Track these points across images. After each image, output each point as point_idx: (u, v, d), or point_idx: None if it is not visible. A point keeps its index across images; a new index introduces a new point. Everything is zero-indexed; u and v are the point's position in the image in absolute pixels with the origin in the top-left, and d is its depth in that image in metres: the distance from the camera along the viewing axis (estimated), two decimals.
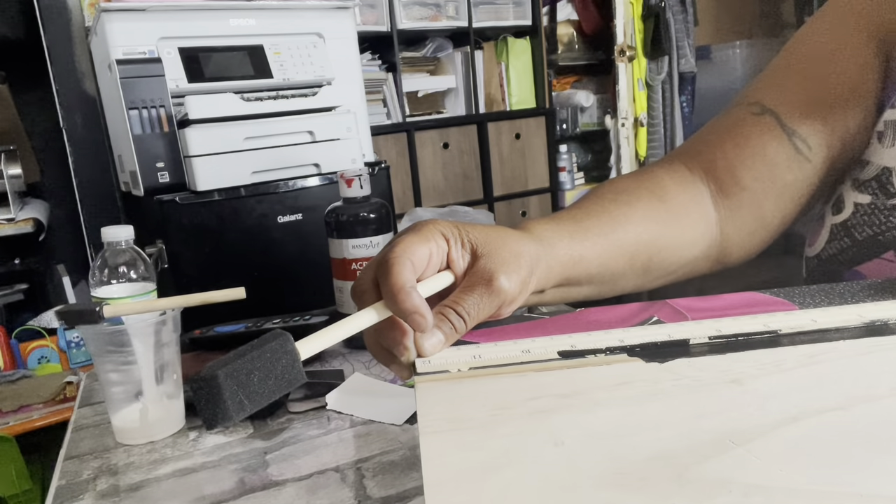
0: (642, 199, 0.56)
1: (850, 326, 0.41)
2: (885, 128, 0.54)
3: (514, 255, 0.44)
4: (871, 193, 0.54)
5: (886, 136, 0.54)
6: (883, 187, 0.53)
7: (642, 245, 0.54)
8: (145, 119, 0.99)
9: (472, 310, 0.42)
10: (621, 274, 0.54)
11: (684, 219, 0.57)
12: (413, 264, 0.41)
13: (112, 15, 1.03)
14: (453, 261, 0.44)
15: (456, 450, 0.30)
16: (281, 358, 0.36)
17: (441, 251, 0.44)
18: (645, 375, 0.36)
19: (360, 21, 2.16)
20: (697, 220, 0.58)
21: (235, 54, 1.11)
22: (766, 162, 0.57)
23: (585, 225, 0.52)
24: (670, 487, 0.26)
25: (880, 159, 0.54)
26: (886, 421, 0.30)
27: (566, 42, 2.82)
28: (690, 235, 0.57)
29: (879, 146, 0.54)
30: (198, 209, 1.00)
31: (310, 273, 1.02)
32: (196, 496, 0.48)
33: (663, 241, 0.55)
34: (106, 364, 0.56)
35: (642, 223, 0.54)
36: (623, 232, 0.53)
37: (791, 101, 0.58)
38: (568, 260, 0.49)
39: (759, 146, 0.57)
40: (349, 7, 1.23)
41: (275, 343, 0.36)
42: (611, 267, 0.52)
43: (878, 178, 0.54)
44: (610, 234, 0.52)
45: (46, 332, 1.62)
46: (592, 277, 0.52)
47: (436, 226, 0.44)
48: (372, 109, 2.19)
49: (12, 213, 1.52)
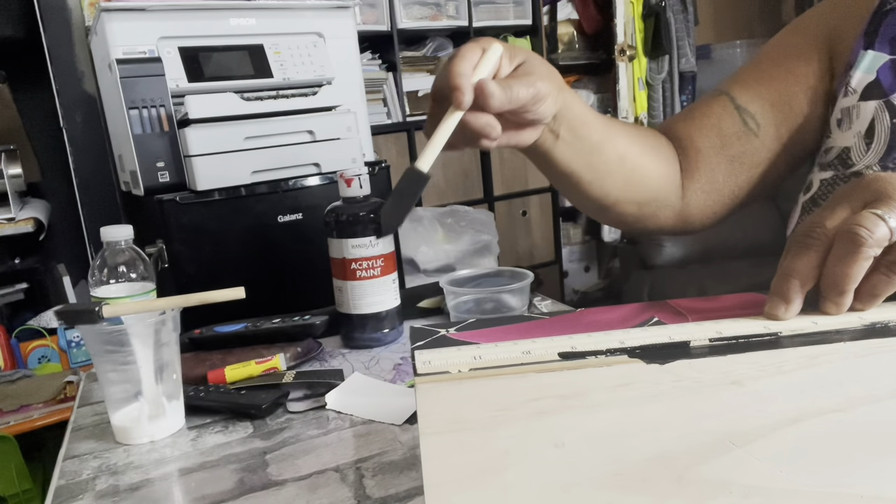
0: (631, 128, 0.68)
1: (850, 328, 0.41)
2: (841, 115, 0.62)
3: (549, 73, 0.55)
4: (833, 169, 0.62)
5: (843, 122, 0.62)
6: (843, 162, 0.61)
7: (629, 155, 0.64)
8: (145, 119, 0.99)
9: (514, 88, 0.51)
10: (611, 170, 0.63)
11: (660, 153, 0.68)
12: (470, 61, 0.51)
13: (112, 14, 1.03)
14: (502, 69, 0.53)
15: (456, 450, 0.30)
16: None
17: (495, 55, 0.52)
18: (645, 377, 0.36)
19: (360, 20, 2.16)
20: (668, 161, 0.69)
21: (235, 54, 1.11)
22: (719, 132, 0.68)
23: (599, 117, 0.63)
24: (671, 488, 0.26)
25: (840, 142, 0.62)
26: (887, 422, 0.30)
27: (566, 41, 2.82)
28: (663, 169, 0.68)
29: (839, 131, 0.63)
30: (198, 209, 1.00)
31: (310, 273, 1.02)
32: (196, 496, 0.48)
33: (644, 161, 0.66)
34: (105, 364, 0.56)
35: (631, 141, 0.65)
36: (619, 137, 0.64)
37: (744, 85, 0.69)
38: (581, 115, 0.59)
39: (713, 118, 0.69)
40: (349, 7, 1.23)
41: (408, 174, 0.49)
42: (606, 152, 0.62)
43: (839, 157, 0.62)
44: (609, 128, 0.63)
45: (46, 332, 1.62)
46: (592, 149, 0.61)
47: (490, 41, 0.53)
48: (372, 109, 2.19)
49: (12, 213, 1.52)
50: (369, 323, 0.75)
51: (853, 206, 0.44)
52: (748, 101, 0.68)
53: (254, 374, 0.66)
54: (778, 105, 0.67)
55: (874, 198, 0.43)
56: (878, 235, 0.41)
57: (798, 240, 0.44)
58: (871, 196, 0.43)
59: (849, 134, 0.61)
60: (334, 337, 0.79)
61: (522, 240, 2.64)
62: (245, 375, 0.66)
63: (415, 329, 0.47)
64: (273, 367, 0.67)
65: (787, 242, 0.46)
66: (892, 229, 0.41)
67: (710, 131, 0.69)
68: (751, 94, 0.68)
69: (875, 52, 0.61)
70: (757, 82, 0.69)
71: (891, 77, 0.60)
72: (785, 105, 0.67)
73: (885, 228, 0.41)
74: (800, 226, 0.46)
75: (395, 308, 0.77)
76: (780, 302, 0.43)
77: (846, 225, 0.42)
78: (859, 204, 0.44)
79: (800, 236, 0.44)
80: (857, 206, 0.44)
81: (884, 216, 0.41)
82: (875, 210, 0.42)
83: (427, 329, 0.47)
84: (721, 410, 0.32)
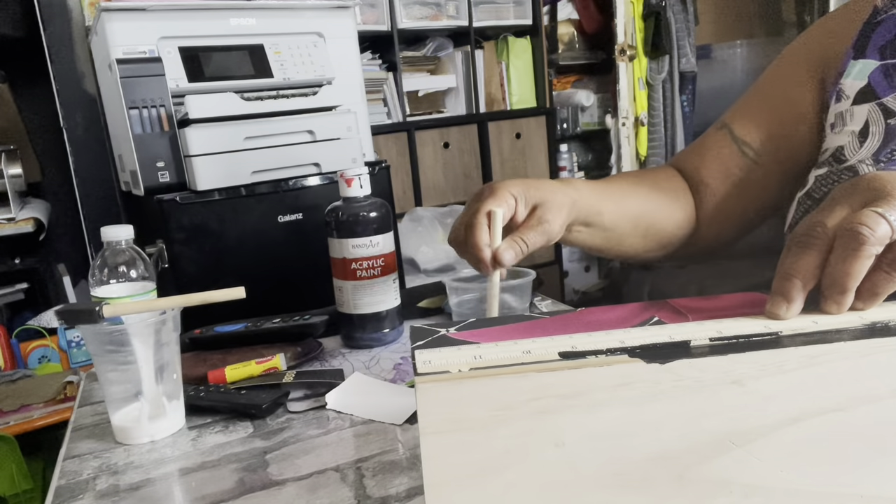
0: (646, 183, 0.75)
1: (850, 328, 0.41)
2: (834, 119, 0.65)
3: (559, 205, 0.62)
4: (827, 166, 0.64)
5: (836, 125, 0.64)
6: (837, 158, 0.63)
7: (644, 214, 0.72)
8: (145, 119, 0.99)
9: (529, 239, 0.60)
10: (627, 233, 0.71)
11: (674, 202, 0.75)
12: (482, 233, 0.59)
13: (112, 14, 1.03)
14: (518, 214, 0.62)
15: (456, 450, 0.30)
16: None
17: (510, 209, 0.61)
18: (646, 376, 0.36)
19: (360, 20, 2.16)
20: (682, 204, 0.75)
21: (236, 54, 1.11)
22: (721, 163, 0.75)
23: (608, 191, 0.70)
24: (671, 488, 0.26)
25: (834, 143, 0.64)
26: (887, 422, 0.30)
27: (567, 41, 2.82)
28: (678, 214, 0.75)
29: (832, 133, 0.65)
30: (198, 209, 1.00)
31: (310, 273, 1.02)
32: (196, 496, 0.48)
33: (659, 215, 0.73)
34: (106, 364, 0.56)
35: (645, 199, 0.73)
36: (632, 202, 0.71)
37: (742, 118, 0.75)
38: (592, 208, 0.66)
39: (715, 151, 0.75)
40: (349, 6, 1.23)
41: None
42: (620, 225, 0.70)
43: (833, 155, 0.63)
44: (621, 201, 0.70)
45: (47, 332, 1.62)
46: (606, 229, 0.69)
47: (507, 189, 0.61)
48: (372, 109, 2.19)
49: (13, 213, 1.52)
50: (369, 323, 0.75)
51: (853, 204, 0.44)
52: (746, 133, 0.73)
53: (254, 373, 0.66)
54: (777, 133, 0.72)
55: (874, 196, 0.43)
56: (879, 233, 0.41)
57: (799, 240, 0.44)
58: (872, 195, 0.43)
59: (842, 134, 0.63)
60: (334, 337, 0.79)
61: None
62: (245, 375, 0.66)
63: (415, 329, 0.47)
64: (273, 366, 0.67)
65: (787, 242, 0.46)
66: (894, 227, 0.41)
67: (713, 163, 0.75)
68: (749, 126, 0.73)
69: (865, 59, 0.63)
70: (755, 113, 0.74)
71: (883, 81, 0.61)
72: (784, 132, 0.71)
73: (887, 226, 0.41)
74: (800, 225, 0.45)
75: (396, 308, 0.77)
76: (781, 301, 0.43)
77: (847, 223, 0.42)
78: (859, 203, 0.44)
79: (800, 236, 0.44)
80: (857, 204, 0.44)
81: (885, 214, 0.41)
82: (876, 208, 0.42)
83: (427, 329, 0.47)
84: (721, 410, 0.32)
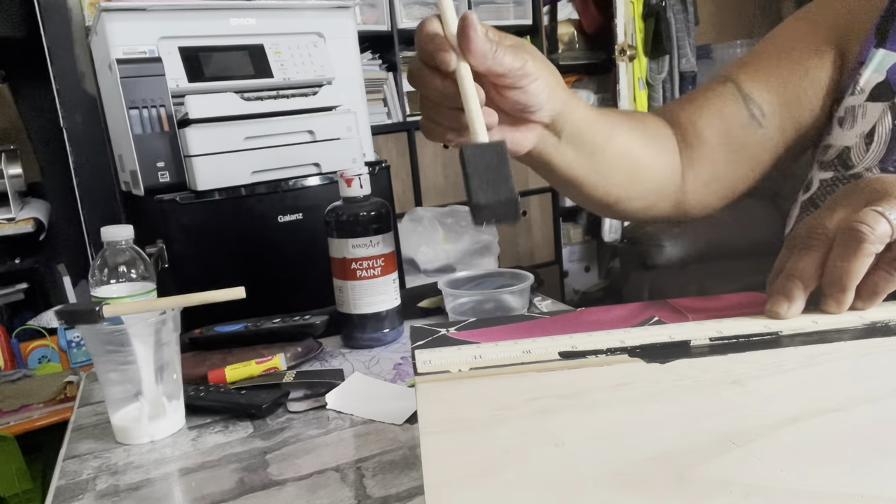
0: (633, 119, 0.66)
1: (850, 328, 0.41)
2: (844, 113, 0.61)
3: (546, 63, 0.51)
4: (833, 170, 0.61)
5: (846, 120, 0.61)
6: (843, 163, 0.60)
7: (631, 151, 0.62)
8: (145, 119, 0.99)
9: (500, 49, 0.46)
10: (611, 171, 0.61)
11: (661, 144, 0.66)
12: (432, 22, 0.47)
13: (112, 14, 1.03)
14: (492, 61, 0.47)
15: (456, 450, 0.30)
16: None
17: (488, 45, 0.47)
18: (646, 376, 0.36)
19: (360, 20, 2.16)
20: (669, 151, 0.66)
21: (236, 54, 1.11)
22: (724, 120, 0.65)
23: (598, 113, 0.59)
24: (671, 488, 0.26)
25: (840, 140, 0.61)
26: (887, 422, 0.30)
27: (567, 41, 2.82)
28: (664, 160, 0.65)
29: (840, 130, 0.61)
30: (198, 209, 1.00)
31: (310, 273, 1.02)
32: (196, 496, 0.48)
33: (646, 154, 0.64)
34: (106, 364, 0.56)
35: (633, 134, 0.63)
36: (620, 133, 0.61)
37: (751, 73, 0.66)
38: (583, 119, 0.56)
39: (718, 105, 0.66)
40: (349, 6, 1.23)
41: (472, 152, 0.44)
42: (607, 155, 0.60)
43: (839, 157, 0.61)
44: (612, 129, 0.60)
45: (47, 332, 1.62)
46: (594, 153, 0.58)
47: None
48: (372, 109, 2.19)
49: (13, 213, 1.52)
50: (369, 323, 0.75)
51: (854, 206, 0.44)
52: (755, 89, 0.65)
53: (254, 373, 0.66)
54: (784, 97, 0.65)
55: (875, 197, 0.43)
56: (879, 232, 0.41)
57: (800, 241, 0.44)
58: (872, 196, 0.43)
59: (850, 133, 0.61)
60: (334, 337, 0.79)
61: (523, 240, 2.64)
62: (245, 375, 0.66)
63: (415, 328, 0.47)
64: (273, 366, 0.67)
65: (786, 243, 0.46)
66: (894, 226, 0.41)
67: (714, 119, 0.66)
68: (758, 83, 0.65)
69: (886, 50, 0.60)
70: (765, 71, 0.66)
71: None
72: (792, 97, 0.65)
73: (887, 225, 0.41)
74: (800, 227, 0.45)
75: (396, 308, 0.77)
76: (782, 300, 0.43)
77: (847, 222, 0.42)
78: (860, 204, 0.43)
79: (801, 237, 0.44)
80: (858, 206, 0.43)
81: (885, 213, 0.41)
82: (876, 207, 0.42)
83: (427, 328, 0.47)
84: (721, 410, 0.32)
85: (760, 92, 0.65)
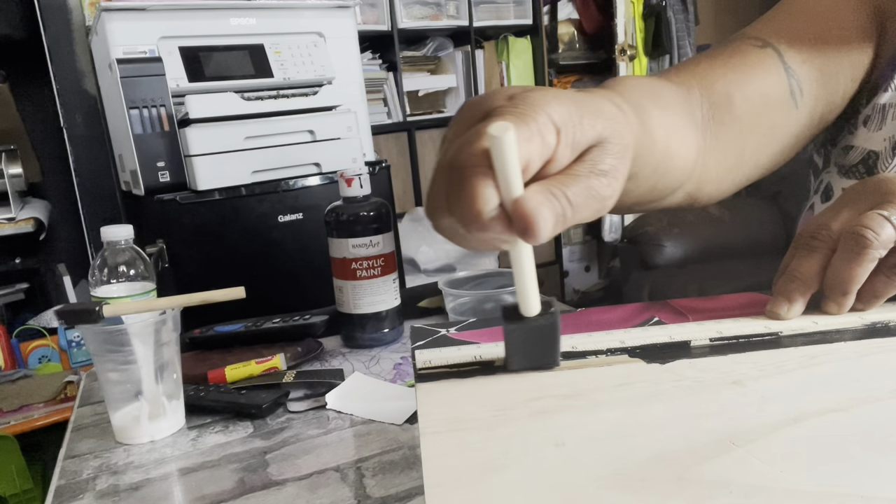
0: (678, 101, 0.52)
1: (851, 328, 0.41)
2: (872, 111, 0.56)
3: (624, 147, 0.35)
4: (857, 177, 0.56)
5: (873, 120, 0.55)
6: (870, 171, 0.56)
7: (668, 149, 0.48)
8: (146, 118, 0.99)
9: (575, 197, 0.32)
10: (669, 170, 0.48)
11: (690, 124, 0.52)
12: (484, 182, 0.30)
13: (112, 14, 1.03)
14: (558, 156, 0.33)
15: (456, 450, 0.30)
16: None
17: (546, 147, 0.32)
18: (646, 376, 0.36)
19: (360, 20, 2.16)
20: (696, 130, 0.52)
21: (236, 54, 1.11)
22: (762, 96, 0.54)
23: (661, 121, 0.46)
24: (671, 488, 0.26)
25: (865, 143, 0.56)
26: (887, 422, 0.30)
27: (567, 41, 2.82)
28: (689, 147, 0.51)
29: (865, 130, 0.56)
30: (198, 209, 1.00)
31: (310, 272, 1.02)
32: (196, 496, 0.48)
33: (675, 147, 0.49)
34: (106, 363, 0.56)
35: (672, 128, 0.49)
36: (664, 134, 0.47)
37: (793, 42, 0.56)
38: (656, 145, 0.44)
39: (761, 78, 0.54)
40: (350, 6, 1.23)
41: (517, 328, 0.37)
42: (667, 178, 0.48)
43: (864, 162, 0.56)
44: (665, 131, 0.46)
45: (47, 332, 1.62)
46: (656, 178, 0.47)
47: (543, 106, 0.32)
48: (372, 109, 2.19)
49: (13, 213, 1.52)
50: (369, 323, 0.75)
51: (860, 208, 0.43)
52: (797, 63, 0.55)
53: (254, 373, 0.66)
54: (823, 77, 0.56)
55: (882, 200, 0.43)
56: (883, 237, 0.40)
57: (803, 242, 0.44)
58: (879, 198, 0.43)
59: (877, 136, 0.55)
60: (334, 337, 0.79)
61: None
62: (245, 375, 0.66)
63: (415, 329, 0.47)
64: (273, 366, 0.67)
65: (793, 243, 0.46)
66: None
67: (754, 94, 0.54)
68: (801, 57, 0.55)
69: None
70: (808, 44, 0.55)
71: None
72: (831, 78, 0.56)
73: (892, 230, 0.40)
74: (806, 227, 0.45)
75: (396, 308, 0.77)
76: (783, 301, 0.43)
77: (851, 226, 0.42)
78: (866, 206, 0.43)
79: (805, 238, 0.44)
80: (863, 208, 0.43)
81: (890, 217, 0.41)
82: (881, 211, 0.41)
83: (427, 329, 0.47)
84: (721, 410, 0.32)
85: (800, 67, 0.55)
